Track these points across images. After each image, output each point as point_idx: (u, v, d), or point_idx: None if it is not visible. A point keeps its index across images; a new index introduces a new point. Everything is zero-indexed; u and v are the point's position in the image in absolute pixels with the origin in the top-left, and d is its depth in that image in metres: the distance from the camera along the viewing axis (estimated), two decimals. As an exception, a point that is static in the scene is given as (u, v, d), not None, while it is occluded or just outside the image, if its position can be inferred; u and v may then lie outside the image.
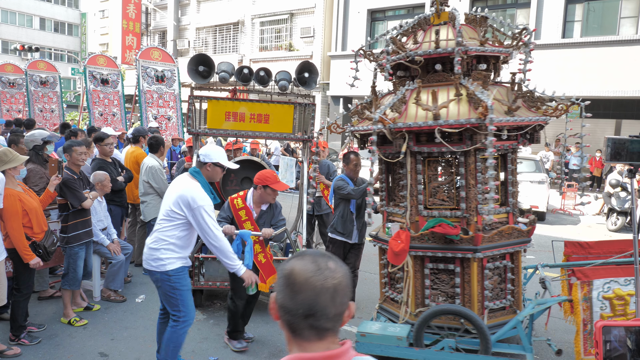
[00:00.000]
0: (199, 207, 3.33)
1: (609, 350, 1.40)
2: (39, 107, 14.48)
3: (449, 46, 3.91)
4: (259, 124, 5.65)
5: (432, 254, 3.98)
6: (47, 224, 4.39)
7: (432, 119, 3.73)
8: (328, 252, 1.24)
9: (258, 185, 4.20)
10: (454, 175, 4.05)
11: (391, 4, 17.94)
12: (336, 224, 5.10)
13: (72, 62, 43.13)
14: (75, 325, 4.63)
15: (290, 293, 1.13)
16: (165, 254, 3.45)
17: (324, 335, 1.15)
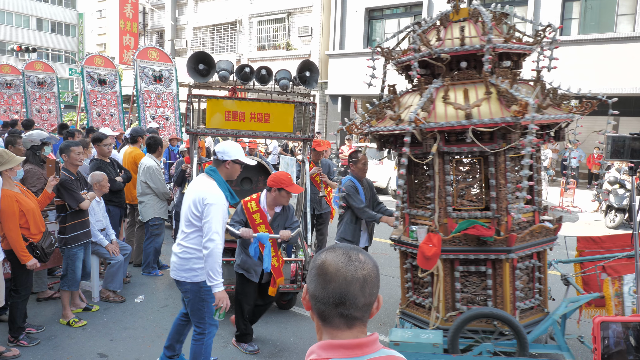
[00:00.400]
0: (209, 204, 3.21)
1: (607, 346, 1.40)
2: (37, 107, 14.45)
3: (474, 43, 3.83)
4: (260, 123, 5.59)
5: (464, 256, 3.87)
6: (44, 225, 4.38)
7: (464, 118, 3.62)
8: None
9: (272, 187, 4.11)
10: (483, 175, 3.96)
11: (389, 3, 17.93)
12: (344, 232, 4.89)
13: (69, 62, 43.04)
14: (74, 326, 4.63)
15: (322, 282, 1.19)
16: (198, 263, 3.30)
17: (353, 324, 1.20)
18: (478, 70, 3.99)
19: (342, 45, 19.18)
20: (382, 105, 4.26)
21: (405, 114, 3.93)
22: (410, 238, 4.17)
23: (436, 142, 3.75)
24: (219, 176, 3.39)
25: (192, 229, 3.32)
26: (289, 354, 4.29)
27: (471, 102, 3.67)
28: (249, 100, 5.56)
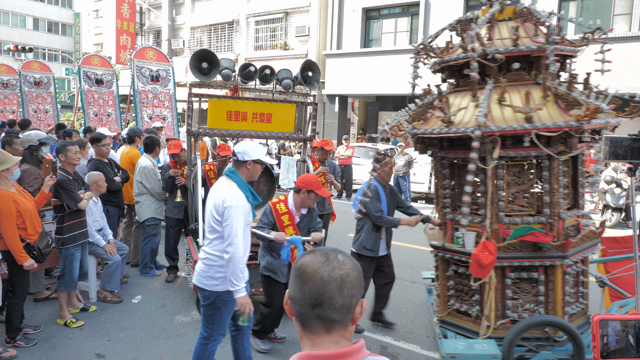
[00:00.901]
0: (229, 206, 3.08)
1: (606, 344, 1.41)
2: (33, 107, 14.40)
3: (526, 44, 3.76)
4: (261, 123, 5.51)
5: (518, 263, 3.80)
6: (41, 225, 4.36)
7: (523, 122, 3.54)
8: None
9: (301, 189, 4.06)
10: (534, 179, 3.90)
11: (386, 3, 17.94)
12: (365, 241, 4.66)
13: (66, 62, 42.91)
14: (71, 327, 4.61)
15: (300, 283, 1.17)
16: (220, 272, 3.20)
17: (331, 328, 1.16)
18: (527, 71, 3.91)
19: (340, 45, 19.18)
20: (426, 106, 4.15)
21: (458, 116, 3.82)
22: (456, 244, 4.07)
23: (497, 146, 3.64)
24: (239, 177, 3.26)
25: (215, 234, 3.20)
26: (285, 356, 4.28)
27: (527, 105, 3.58)
28: (251, 100, 5.47)
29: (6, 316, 4.23)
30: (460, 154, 4.05)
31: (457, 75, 4.36)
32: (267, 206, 4.22)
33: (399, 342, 4.58)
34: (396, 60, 17.52)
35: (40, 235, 4.27)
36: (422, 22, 17.06)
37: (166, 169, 5.95)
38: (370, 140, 18.83)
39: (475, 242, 3.95)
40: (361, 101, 22.35)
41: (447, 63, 4.17)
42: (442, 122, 3.87)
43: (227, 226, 3.09)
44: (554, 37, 3.61)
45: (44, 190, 4.41)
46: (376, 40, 18.72)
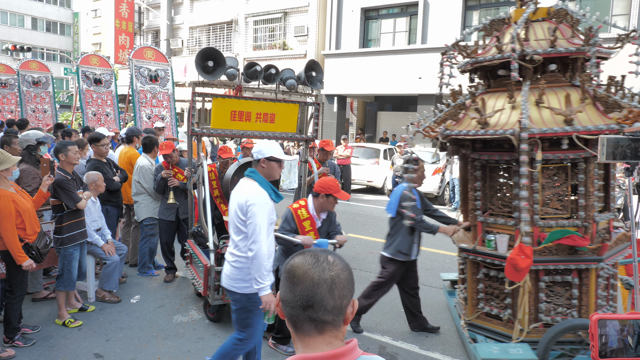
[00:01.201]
0: (252, 204, 3.07)
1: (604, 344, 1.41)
2: (31, 107, 14.37)
3: (564, 45, 3.73)
4: (265, 123, 5.43)
5: (553, 267, 3.78)
6: (39, 225, 4.36)
7: (563, 124, 3.52)
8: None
9: (320, 193, 4.05)
10: (569, 182, 3.87)
11: (384, 3, 17.95)
12: (400, 245, 4.54)
13: (64, 62, 42.87)
14: (69, 327, 4.61)
15: (290, 285, 1.17)
16: (250, 274, 3.16)
17: (323, 329, 1.15)
18: (562, 73, 3.89)
19: (338, 45, 19.18)
20: (458, 107, 4.11)
21: (494, 117, 3.79)
22: (488, 247, 4.03)
23: (539, 148, 3.61)
24: (259, 176, 3.24)
25: (241, 235, 3.17)
26: (283, 356, 4.28)
27: (568, 108, 3.55)
28: (256, 99, 5.38)
29: (4, 316, 4.22)
30: (496, 155, 4.00)
31: (488, 76, 4.30)
32: (288, 212, 4.17)
33: (398, 342, 4.58)
34: (395, 61, 17.53)
35: (38, 235, 4.26)
36: (420, 22, 17.07)
37: (159, 170, 5.84)
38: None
39: (509, 245, 3.93)
40: (360, 101, 22.36)
41: (481, 63, 4.11)
42: (477, 123, 3.84)
43: (250, 224, 3.08)
44: (596, 39, 3.57)
45: (42, 189, 4.40)
46: (375, 40, 18.72)
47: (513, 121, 3.68)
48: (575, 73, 3.93)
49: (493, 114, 3.83)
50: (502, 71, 4.02)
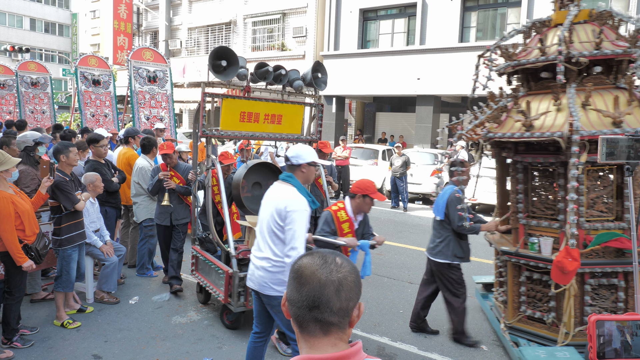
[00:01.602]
0: (292, 210, 3.08)
1: (602, 344, 1.42)
2: (30, 108, 14.36)
3: (609, 47, 3.71)
4: (272, 125, 5.34)
5: (600, 269, 3.74)
6: (38, 227, 4.35)
7: (611, 126, 3.50)
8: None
9: (357, 194, 4.08)
10: (614, 185, 3.85)
11: (383, 4, 17.96)
12: (455, 249, 4.44)
13: (63, 62, 42.83)
14: (68, 328, 4.60)
15: (297, 285, 1.17)
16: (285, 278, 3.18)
17: (329, 330, 1.16)
18: (606, 75, 3.89)
19: (337, 46, 19.19)
20: (500, 110, 4.09)
21: (539, 120, 3.76)
22: (531, 250, 4.01)
23: (585, 151, 3.58)
24: (297, 181, 3.23)
25: (277, 239, 3.18)
26: (283, 357, 4.28)
27: (608, 110, 3.53)
28: (264, 100, 5.27)
29: (3, 317, 4.22)
30: (540, 158, 3.97)
31: (529, 78, 4.28)
32: (328, 214, 4.17)
33: (396, 343, 4.58)
34: (393, 61, 17.55)
35: (37, 236, 4.26)
36: (419, 23, 17.09)
37: (156, 171, 5.69)
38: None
39: (553, 248, 3.90)
40: (358, 102, 22.37)
41: (523, 66, 4.08)
42: (522, 125, 3.81)
43: (289, 230, 3.08)
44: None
45: (41, 191, 4.40)
46: (373, 41, 18.74)
47: (559, 123, 3.67)
48: (619, 75, 3.92)
49: (538, 117, 3.82)
50: (545, 73, 3.99)
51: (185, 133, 20.60)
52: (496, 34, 16.22)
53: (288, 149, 3.39)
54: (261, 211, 3.31)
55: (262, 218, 3.29)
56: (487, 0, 16.36)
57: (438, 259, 4.50)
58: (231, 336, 4.58)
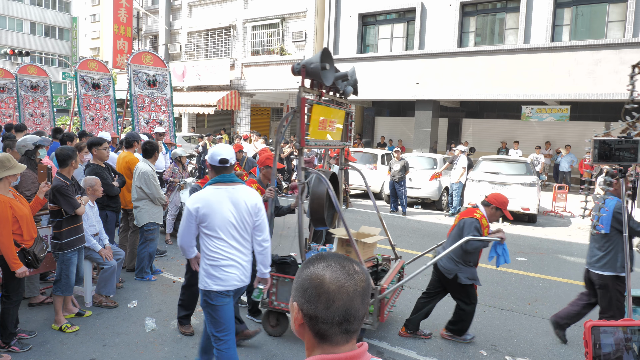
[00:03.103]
0: (260, 204, 3.55)
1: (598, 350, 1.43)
2: (29, 111, 14.37)
3: None
4: (332, 131, 5.16)
5: None
6: (36, 231, 4.35)
7: None
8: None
9: (492, 204, 4.58)
10: None
11: (382, 9, 18.03)
12: (622, 259, 4.35)
13: (63, 66, 42.87)
14: (66, 332, 4.60)
15: (325, 302, 1.14)
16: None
17: (350, 338, 1.18)
18: None
19: (336, 50, 19.24)
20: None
21: None
22: None
23: None
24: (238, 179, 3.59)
25: (248, 237, 3.51)
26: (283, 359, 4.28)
27: None
28: (332, 106, 5.02)
29: (0, 321, 4.21)
30: None
31: None
32: (476, 221, 4.53)
33: (395, 348, 4.58)
34: (392, 66, 17.59)
35: (35, 240, 4.26)
36: (418, 28, 17.15)
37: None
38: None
39: None
40: (357, 106, 22.41)
41: None
42: None
43: (261, 220, 3.56)
44: None
45: (39, 196, 4.40)
46: (372, 45, 18.79)
47: None
48: None
49: None
50: None
51: (185, 137, 20.63)
52: (495, 39, 16.29)
53: (219, 152, 3.46)
54: (224, 213, 3.32)
55: (228, 221, 3.33)
56: (485, 6, 16.43)
57: (600, 271, 4.47)
58: (229, 340, 4.57)
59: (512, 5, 15.74)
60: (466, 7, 16.55)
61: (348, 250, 4.82)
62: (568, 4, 14.87)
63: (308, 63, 4.48)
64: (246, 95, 22.67)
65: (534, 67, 14.86)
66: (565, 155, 16.61)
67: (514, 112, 18.87)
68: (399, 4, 17.53)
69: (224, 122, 27.46)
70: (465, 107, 20.54)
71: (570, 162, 16.49)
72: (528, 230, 10.54)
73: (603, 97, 14.10)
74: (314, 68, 4.48)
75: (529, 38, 15.20)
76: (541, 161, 16.28)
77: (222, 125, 26.69)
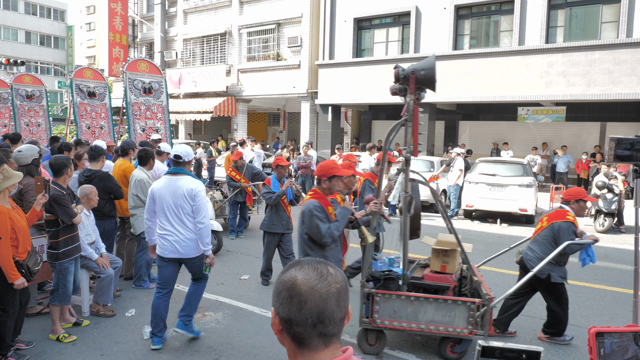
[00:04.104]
0: (199, 190, 4.45)
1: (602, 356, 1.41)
2: (25, 121, 14.34)
3: None
4: None
5: None
6: (31, 244, 4.28)
7: None
8: None
9: (571, 200, 4.87)
10: None
11: (377, 13, 18.09)
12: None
13: (59, 75, 42.85)
14: (64, 342, 4.56)
15: (297, 304, 1.14)
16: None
17: (330, 342, 1.16)
18: None
19: (332, 55, 19.29)
20: None
21: None
22: None
23: None
24: (188, 172, 4.50)
25: (190, 217, 4.43)
26: None
27: None
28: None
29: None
30: None
31: None
32: (571, 224, 4.73)
33: (394, 352, 4.56)
34: (388, 70, 17.60)
35: (29, 253, 4.19)
36: (413, 32, 17.21)
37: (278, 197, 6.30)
38: None
39: None
40: (354, 111, 22.45)
41: None
42: None
43: (199, 205, 4.44)
44: None
45: (36, 208, 4.33)
46: (368, 50, 18.84)
47: None
48: None
49: None
50: None
51: (181, 144, 20.59)
52: (490, 41, 16.35)
53: (176, 150, 4.48)
54: (164, 196, 4.37)
55: (167, 202, 4.36)
56: (480, 8, 16.51)
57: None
58: (227, 348, 4.55)
59: (506, 8, 15.82)
60: (461, 10, 16.63)
61: (445, 261, 4.66)
62: (562, 5, 14.96)
63: (418, 69, 4.22)
64: (243, 101, 22.69)
65: (529, 69, 14.92)
66: (562, 155, 16.66)
67: (510, 113, 18.92)
68: (393, 7, 17.60)
69: (221, 129, 27.46)
70: (461, 110, 20.59)
71: (567, 163, 16.53)
72: (525, 232, 10.54)
73: (598, 97, 14.16)
74: (427, 75, 4.22)
75: (523, 40, 15.27)
76: (538, 162, 16.31)
77: (219, 131, 26.69)
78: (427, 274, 4.66)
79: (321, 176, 4.17)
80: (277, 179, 6.60)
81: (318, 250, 4.13)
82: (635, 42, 13.47)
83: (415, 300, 4.30)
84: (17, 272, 3.99)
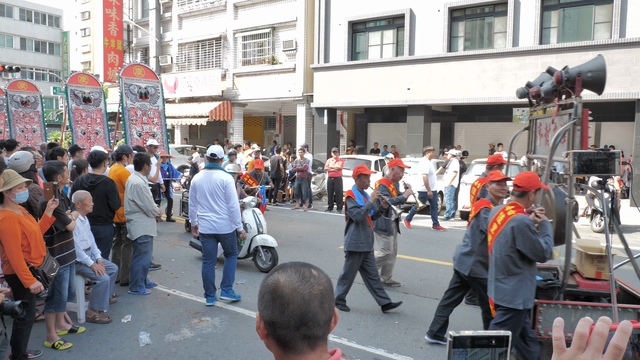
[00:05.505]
0: (230, 182, 5.72)
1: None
2: (20, 127, 14.31)
3: None
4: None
5: None
6: (45, 249, 4.23)
7: None
8: None
9: None
10: None
11: (371, 16, 18.14)
12: None
13: (53, 81, 42.77)
14: (59, 349, 4.54)
15: (280, 306, 1.13)
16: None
17: (315, 344, 1.15)
18: None
19: (327, 58, 19.32)
20: None
21: None
22: None
23: None
24: (221, 167, 5.90)
25: (222, 201, 5.65)
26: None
27: None
28: None
29: (13, 342, 4.06)
30: None
31: None
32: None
33: (392, 354, 4.56)
34: (383, 72, 17.68)
35: (44, 258, 4.15)
36: (407, 34, 17.26)
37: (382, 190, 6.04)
38: None
39: None
40: (350, 113, 22.47)
41: None
42: None
43: (230, 193, 5.66)
44: None
45: (47, 214, 4.28)
46: (363, 52, 18.89)
47: None
48: None
49: None
50: None
51: (177, 148, 20.57)
52: (484, 43, 16.42)
53: (211, 149, 5.81)
54: (202, 186, 5.60)
55: (204, 190, 5.57)
56: (473, 10, 16.57)
57: None
58: (224, 353, 4.53)
59: (500, 9, 15.89)
60: (454, 12, 16.69)
61: (600, 267, 4.43)
62: (555, 6, 15.04)
63: (584, 71, 4.01)
64: (238, 105, 22.69)
65: (523, 70, 14.98)
66: (557, 156, 16.70)
67: (505, 114, 18.98)
68: (388, 10, 17.66)
69: (217, 133, 27.45)
70: (456, 111, 20.64)
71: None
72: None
73: (593, 97, 14.22)
74: (595, 77, 4.00)
75: (517, 41, 15.33)
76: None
77: (215, 136, 26.68)
78: (581, 281, 4.38)
79: (529, 188, 3.82)
80: (358, 190, 6.05)
81: (527, 269, 3.80)
82: (628, 42, 13.55)
83: (582, 309, 4.05)
84: (32, 276, 3.93)
